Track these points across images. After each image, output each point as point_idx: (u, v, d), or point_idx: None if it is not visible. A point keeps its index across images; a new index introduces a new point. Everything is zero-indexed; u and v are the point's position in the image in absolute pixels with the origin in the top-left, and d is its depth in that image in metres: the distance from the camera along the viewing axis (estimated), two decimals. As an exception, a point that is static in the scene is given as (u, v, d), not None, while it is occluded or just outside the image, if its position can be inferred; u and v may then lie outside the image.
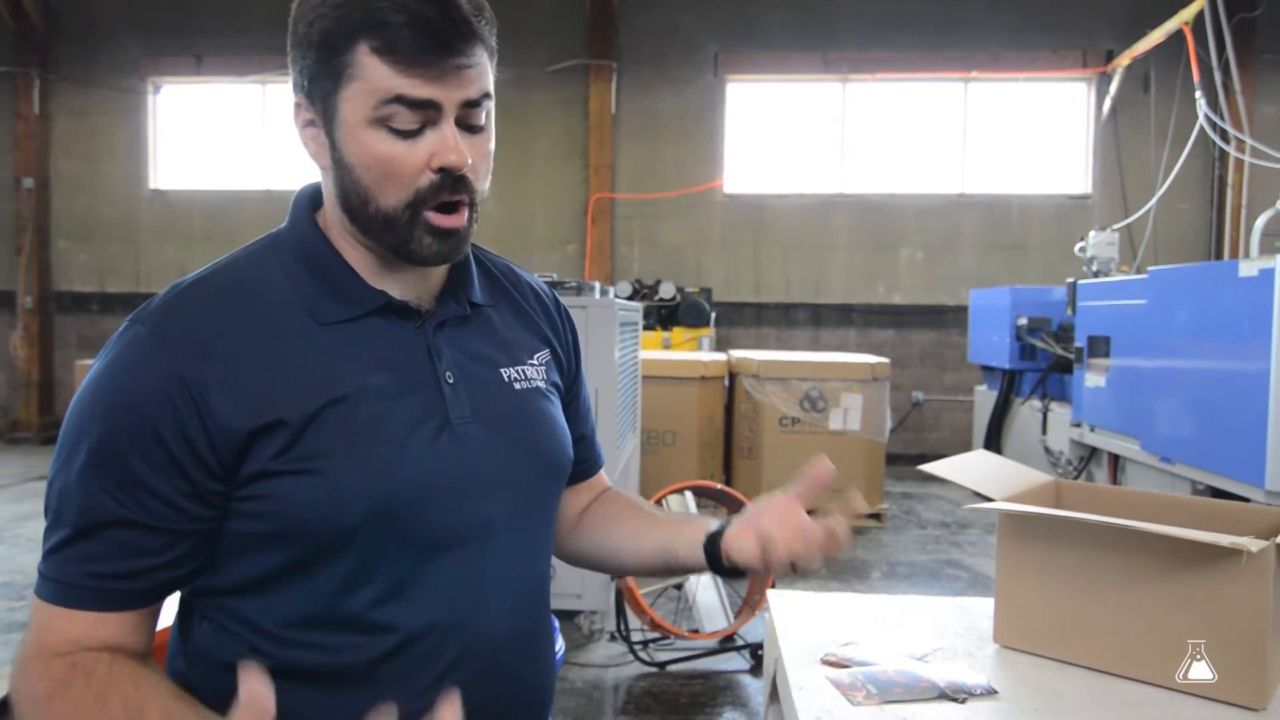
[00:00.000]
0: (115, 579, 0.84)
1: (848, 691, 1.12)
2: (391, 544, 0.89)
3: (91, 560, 0.84)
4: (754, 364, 5.70)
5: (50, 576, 0.85)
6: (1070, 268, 6.64)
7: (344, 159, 0.88)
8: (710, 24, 8.13)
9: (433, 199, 0.88)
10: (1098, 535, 1.17)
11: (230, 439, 0.85)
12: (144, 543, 0.84)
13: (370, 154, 0.86)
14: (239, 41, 8.29)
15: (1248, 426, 3.23)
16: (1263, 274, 3.19)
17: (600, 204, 8.12)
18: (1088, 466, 5.03)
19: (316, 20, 0.85)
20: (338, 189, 0.91)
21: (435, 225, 0.89)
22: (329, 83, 0.86)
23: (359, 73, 0.84)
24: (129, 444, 0.83)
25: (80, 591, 0.84)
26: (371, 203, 0.88)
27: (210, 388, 0.84)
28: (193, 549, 0.87)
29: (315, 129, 0.90)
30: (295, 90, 0.91)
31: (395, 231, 0.89)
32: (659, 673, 3.26)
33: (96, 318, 8.68)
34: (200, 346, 0.85)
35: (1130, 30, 7.34)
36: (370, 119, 0.85)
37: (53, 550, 0.85)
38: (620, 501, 1.22)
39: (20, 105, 8.37)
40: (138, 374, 0.84)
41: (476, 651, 0.93)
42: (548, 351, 1.08)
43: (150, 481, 0.83)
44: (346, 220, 0.92)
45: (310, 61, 0.87)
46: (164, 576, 0.87)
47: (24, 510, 5.66)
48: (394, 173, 0.87)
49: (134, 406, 0.83)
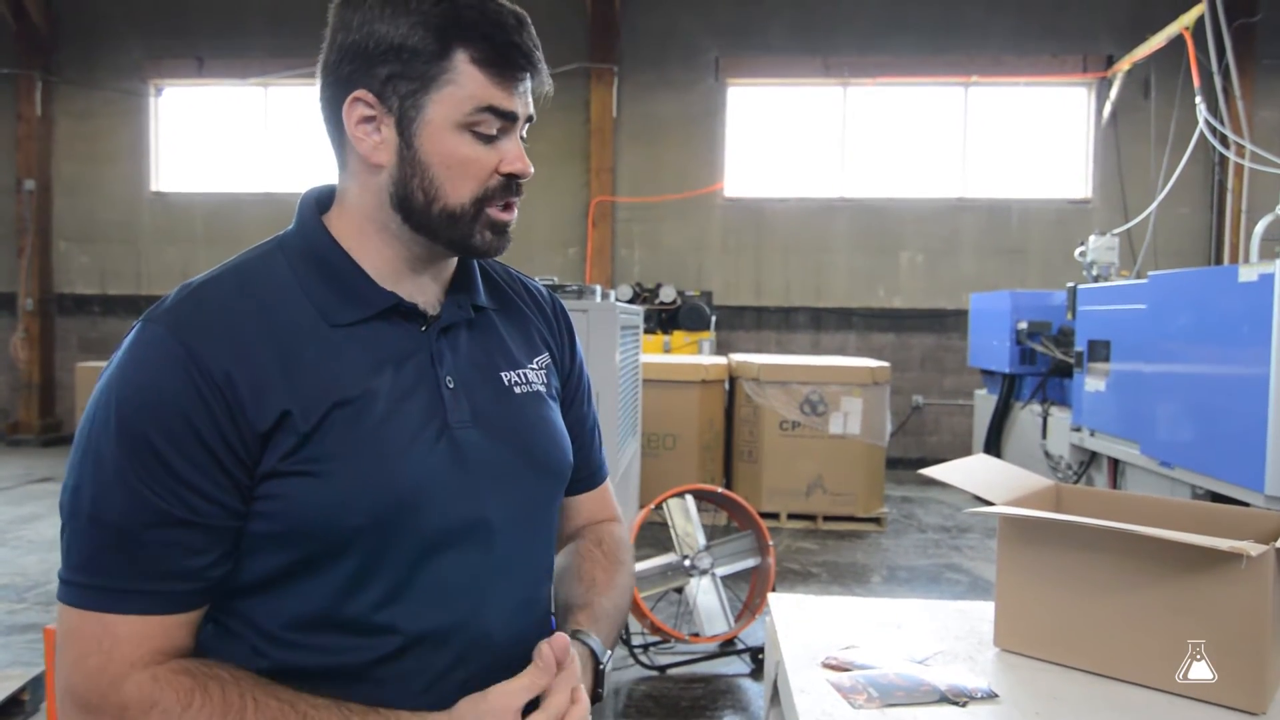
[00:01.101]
0: (171, 579, 0.84)
1: (849, 695, 1.13)
2: (392, 547, 0.89)
3: (144, 562, 0.83)
4: (754, 368, 5.71)
5: (92, 584, 0.83)
6: (1070, 272, 6.66)
7: (419, 157, 0.91)
8: (711, 28, 8.15)
9: (496, 199, 0.95)
10: (1098, 539, 1.17)
11: (253, 434, 0.85)
12: (194, 541, 0.84)
13: (454, 154, 0.92)
14: (241, 44, 8.31)
15: (1247, 431, 3.23)
16: (1262, 279, 3.19)
17: (601, 207, 8.13)
18: (1088, 471, 5.03)
19: (409, 24, 0.88)
20: (396, 185, 0.93)
21: (496, 219, 0.95)
22: (415, 84, 0.90)
23: (456, 79, 0.90)
24: (167, 442, 0.83)
25: (138, 596, 0.83)
26: (440, 200, 0.93)
27: (235, 382, 0.85)
28: (232, 547, 0.88)
29: (375, 125, 0.92)
30: (349, 86, 0.91)
31: (458, 226, 0.94)
32: (659, 676, 3.26)
33: (98, 320, 8.69)
34: (220, 342, 0.86)
35: (1130, 35, 7.35)
36: (459, 122, 0.91)
37: (93, 556, 0.83)
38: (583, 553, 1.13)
39: (22, 107, 8.39)
40: (162, 371, 0.84)
41: (477, 653, 0.94)
42: (548, 355, 1.09)
43: (192, 478, 0.83)
44: (396, 218, 0.94)
45: (392, 61, 0.89)
46: (215, 573, 0.87)
47: (25, 513, 5.66)
48: (471, 173, 0.93)
49: (166, 405, 0.83)
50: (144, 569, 0.83)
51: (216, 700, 0.82)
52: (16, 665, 3.13)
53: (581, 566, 1.11)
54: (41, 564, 4.43)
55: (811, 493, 5.62)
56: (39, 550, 4.70)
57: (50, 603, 3.86)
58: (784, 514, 5.62)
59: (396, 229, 0.95)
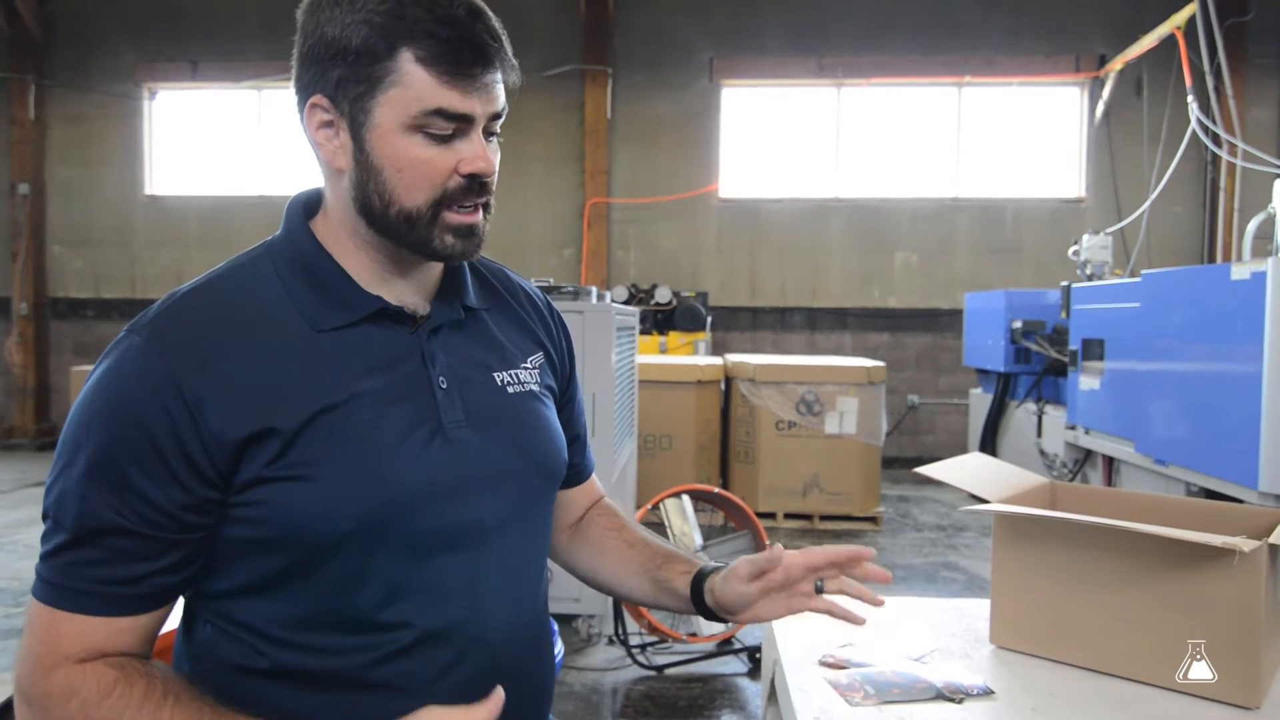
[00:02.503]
0: (115, 584, 0.85)
1: (846, 692, 1.13)
2: (385, 548, 0.90)
3: (91, 565, 0.85)
4: (750, 368, 5.71)
5: (50, 580, 0.86)
6: (1064, 271, 6.67)
7: (371, 161, 0.90)
8: (705, 29, 8.16)
9: (456, 201, 0.92)
10: (1092, 536, 1.18)
11: (225, 447, 0.86)
12: (140, 550, 0.85)
13: (404, 157, 0.89)
14: (234, 47, 8.30)
15: (1241, 428, 3.25)
16: (1255, 277, 3.21)
17: (596, 209, 8.13)
18: (1083, 469, 5.05)
19: (354, 25, 0.87)
20: (356, 191, 0.92)
21: (455, 223, 0.92)
22: (363, 86, 0.88)
23: (401, 80, 0.87)
24: (126, 454, 0.84)
25: (83, 596, 0.85)
26: (395, 204, 0.91)
27: (205, 398, 0.85)
28: (189, 555, 0.88)
29: (334, 130, 0.91)
30: (309, 91, 0.91)
31: (416, 231, 0.92)
32: (657, 676, 3.26)
33: (92, 324, 8.67)
34: (196, 356, 0.86)
35: (1123, 35, 7.38)
36: (407, 124, 0.88)
37: (52, 554, 0.86)
38: (609, 528, 1.21)
39: (15, 111, 8.36)
40: (134, 385, 0.85)
41: (474, 653, 0.94)
42: (541, 355, 1.09)
43: (147, 491, 0.84)
44: (362, 222, 0.94)
45: (341, 65, 0.88)
46: (163, 582, 0.87)
47: (21, 516, 5.64)
48: (425, 175, 0.90)
49: (130, 417, 0.84)
50: (90, 572, 0.85)
51: (137, 693, 0.83)
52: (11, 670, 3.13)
53: (617, 543, 1.18)
54: (37, 569, 4.41)
55: (808, 492, 5.63)
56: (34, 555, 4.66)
57: (46, 607, 3.86)
58: (780, 514, 5.63)
59: (365, 233, 0.94)
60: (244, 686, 0.90)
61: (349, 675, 0.90)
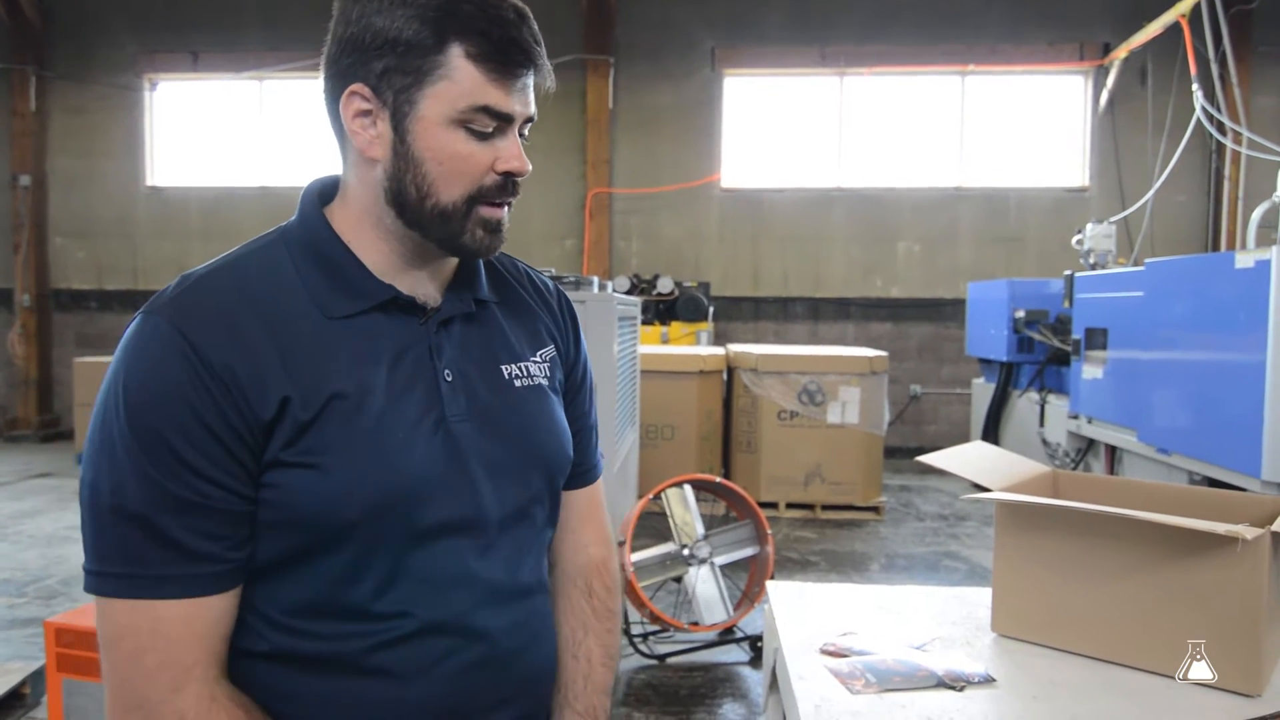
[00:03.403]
0: (201, 562, 0.85)
1: (847, 680, 1.13)
2: (388, 538, 0.90)
3: (176, 548, 0.84)
4: (752, 358, 5.71)
5: (130, 573, 0.84)
6: (1067, 260, 6.65)
7: (412, 152, 0.90)
8: (707, 18, 8.12)
9: (489, 197, 0.93)
10: (1094, 524, 1.17)
11: (258, 423, 0.86)
12: (212, 526, 0.85)
13: (446, 150, 0.90)
14: (235, 38, 8.28)
15: (1244, 417, 3.24)
16: (1259, 265, 3.19)
17: (598, 199, 8.12)
18: (1085, 458, 5.04)
19: (405, 18, 0.87)
20: (390, 180, 0.92)
21: (487, 217, 0.93)
22: (410, 78, 0.88)
23: (450, 74, 0.88)
24: (176, 431, 0.83)
25: (177, 580, 0.85)
26: (431, 196, 0.91)
27: (237, 372, 0.86)
28: (250, 528, 0.88)
29: (371, 119, 0.91)
30: (347, 79, 0.90)
31: (449, 224, 0.92)
32: (659, 665, 3.27)
33: (94, 315, 8.68)
34: (221, 332, 0.86)
35: (1127, 23, 7.34)
36: (453, 119, 0.89)
37: (126, 547, 0.84)
38: (579, 624, 1.13)
39: (16, 102, 8.36)
40: (167, 363, 0.85)
41: (473, 642, 0.95)
42: (552, 348, 1.09)
43: (202, 466, 0.84)
44: (390, 212, 0.93)
45: (388, 55, 0.88)
46: (238, 555, 0.88)
47: (24, 507, 5.66)
48: (465, 170, 0.91)
49: (171, 395, 0.84)
50: (173, 554, 0.84)
51: None
52: (17, 659, 3.14)
53: (576, 634, 1.12)
54: (41, 559, 4.44)
55: (810, 482, 5.63)
56: (39, 545, 4.70)
57: (50, 597, 3.87)
58: (783, 503, 5.63)
59: (391, 224, 0.94)
60: (243, 668, 0.91)
61: (347, 660, 0.91)
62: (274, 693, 0.90)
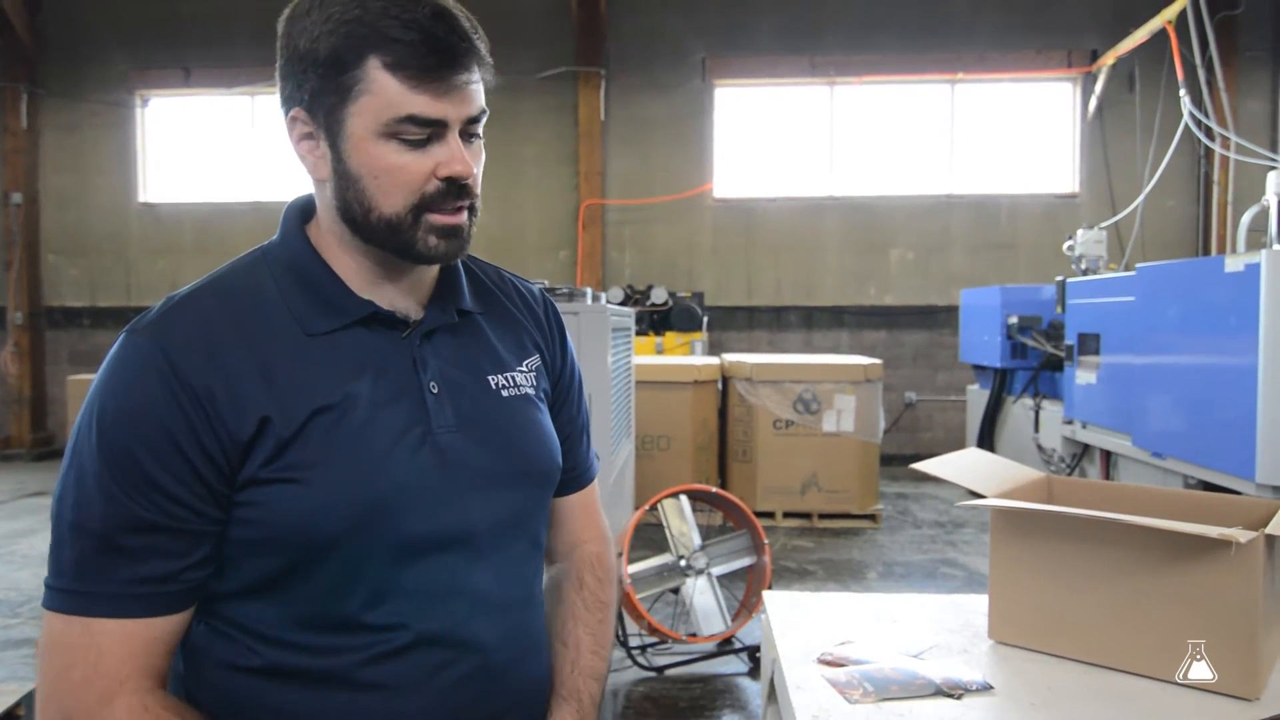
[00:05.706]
0: (151, 582, 0.85)
1: (845, 690, 1.13)
2: (376, 551, 0.90)
3: (123, 566, 0.84)
4: (747, 367, 5.71)
5: (76, 589, 0.84)
6: (1059, 266, 6.67)
7: (349, 170, 0.90)
8: (698, 29, 8.16)
9: (437, 204, 0.91)
10: (1090, 530, 1.18)
11: (234, 443, 0.86)
12: (171, 545, 0.85)
13: (379, 164, 0.89)
14: (227, 54, 8.29)
15: (1237, 420, 3.25)
16: (1249, 269, 3.21)
17: (591, 210, 8.13)
18: (1080, 463, 5.05)
19: (322, 36, 0.87)
20: (338, 199, 0.92)
21: (437, 224, 0.92)
22: (334, 97, 0.88)
23: (369, 88, 0.87)
24: (146, 451, 0.84)
25: (119, 600, 0.84)
26: (374, 210, 0.91)
27: (214, 393, 0.86)
28: (212, 550, 0.89)
29: (314, 142, 0.92)
30: (289, 104, 0.92)
31: (399, 235, 0.91)
32: (657, 677, 3.26)
33: (88, 332, 8.65)
34: (201, 353, 0.87)
35: (1114, 30, 7.39)
36: (380, 132, 0.88)
37: (75, 562, 0.85)
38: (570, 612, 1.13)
39: (8, 120, 8.35)
40: (145, 383, 0.85)
41: (466, 654, 0.95)
42: (538, 357, 1.09)
43: (169, 486, 0.85)
44: (346, 230, 0.94)
45: (313, 76, 0.88)
46: (194, 576, 0.88)
47: (18, 527, 5.62)
48: (401, 182, 0.90)
49: (146, 416, 0.84)
50: (124, 573, 0.84)
51: None
52: (11, 680, 3.12)
53: (566, 624, 1.11)
54: (35, 579, 4.40)
55: (806, 491, 5.63)
56: (32, 565, 4.67)
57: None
58: (779, 512, 5.63)
59: (350, 239, 0.95)
60: (237, 684, 0.91)
61: (341, 674, 0.90)
62: (269, 709, 0.90)
